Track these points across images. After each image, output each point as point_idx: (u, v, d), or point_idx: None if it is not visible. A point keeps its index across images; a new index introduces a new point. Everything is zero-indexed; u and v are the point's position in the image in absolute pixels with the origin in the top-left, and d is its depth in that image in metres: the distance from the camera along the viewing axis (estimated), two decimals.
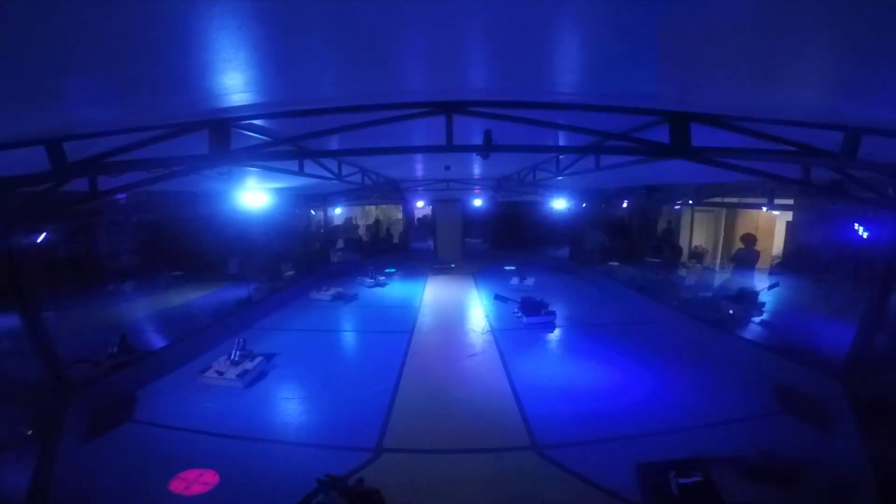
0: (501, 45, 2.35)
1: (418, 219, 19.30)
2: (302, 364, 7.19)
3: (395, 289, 12.51)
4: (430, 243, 17.62)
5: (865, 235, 6.29)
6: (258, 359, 6.56)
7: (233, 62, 2.29)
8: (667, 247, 13.11)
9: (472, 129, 3.84)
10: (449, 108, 3.48)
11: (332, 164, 7.27)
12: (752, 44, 2.07)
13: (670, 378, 6.18)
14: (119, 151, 3.78)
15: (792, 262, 10.82)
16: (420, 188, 14.90)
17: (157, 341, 7.41)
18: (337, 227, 18.36)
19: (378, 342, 8.17)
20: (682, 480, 3.78)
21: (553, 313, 8.82)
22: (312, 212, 15.38)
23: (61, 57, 2.02)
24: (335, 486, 3.58)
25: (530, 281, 12.48)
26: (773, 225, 12.46)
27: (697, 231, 13.87)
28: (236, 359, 6.30)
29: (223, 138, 3.57)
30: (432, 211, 17.35)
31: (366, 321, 9.12)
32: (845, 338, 4.88)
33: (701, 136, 3.56)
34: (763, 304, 8.52)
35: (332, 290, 11.21)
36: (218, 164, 4.24)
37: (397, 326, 8.92)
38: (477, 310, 10.22)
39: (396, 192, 15.12)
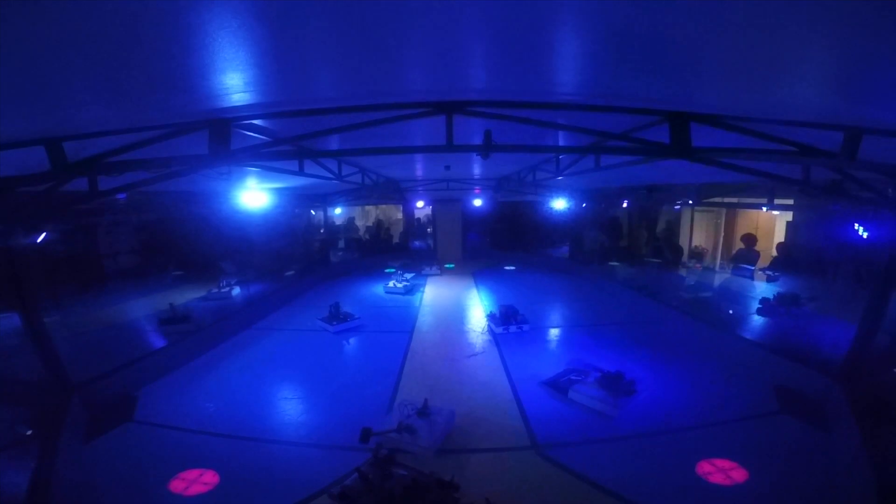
0: (501, 46, 2.34)
1: (418, 219, 19.28)
2: (302, 363, 7.19)
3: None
4: (431, 243, 17.65)
5: (865, 235, 6.28)
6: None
7: (233, 62, 2.29)
8: (667, 247, 13.10)
9: (472, 129, 3.85)
10: (449, 108, 3.48)
11: (332, 164, 7.27)
12: (752, 44, 2.07)
13: (670, 378, 6.18)
14: (119, 151, 3.78)
15: (791, 262, 10.82)
16: (420, 188, 14.91)
17: (158, 341, 7.42)
18: (338, 226, 18.37)
19: (378, 342, 8.17)
20: (571, 377, 5.92)
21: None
22: (312, 212, 15.39)
23: (61, 57, 2.02)
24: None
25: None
26: (773, 225, 12.45)
27: (697, 231, 13.85)
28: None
29: (223, 138, 3.57)
30: (432, 211, 17.35)
31: (366, 321, 9.11)
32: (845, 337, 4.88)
33: (701, 136, 3.56)
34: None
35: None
36: (218, 164, 4.23)
37: (397, 326, 8.93)
38: (477, 309, 10.22)
39: (396, 192, 15.12)
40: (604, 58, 2.45)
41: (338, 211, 16.75)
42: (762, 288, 9.99)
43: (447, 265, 15.09)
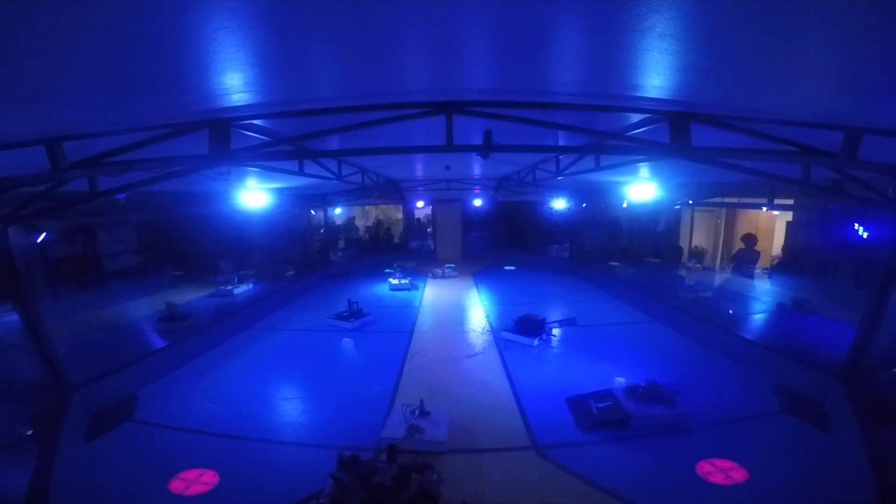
0: (501, 46, 2.35)
1: (418, 219, 19.28)
2: (302, 363, 7.20)
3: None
4: (430, 243, 17.66)
5: (865, 235, 6.27)
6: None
7: (232, 62, 2.29)
8: (667, 247, 13.11)
9: (472, 129, 3.85)
10: (449, 108, 3.48)
11: (332, 164, 7.28)
12: (752, 44, 2.07)
13: (670, 378, 6.16)
14: (119, 151, 3.79)
15: (791, 262, 10.83)
16: (420, 188, 14.91)
17: (158, 340, 7.42)
18: (338, 226, 18.37)
19: (378, 342, 8.17)
20: (598, 405, 5.12)
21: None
22: (312, 212, 15.40)
23: (61, 57, 2.02)
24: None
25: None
26: (773, 225, 12.45)
27: (697, 231, 13.85)
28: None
29: (223, 138, 3.56)
30: (432, 211, 17.36)
31: (366, 322, 9.11)
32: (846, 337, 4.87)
33: (701, 136, 3.56)
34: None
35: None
36: (218, 164, 4.24)
37: (397, 326, 8.93)
38: (477, 310, 10.23)
39: (396, 192, 15.13)
40: (604, 58, 2.45)
41: (338, 211, 16.76)
42: (764, 288, 9.99)
43: (447, 265, 15.08)
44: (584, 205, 13.97)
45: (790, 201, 9.77)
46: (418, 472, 3.68)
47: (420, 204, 17.13)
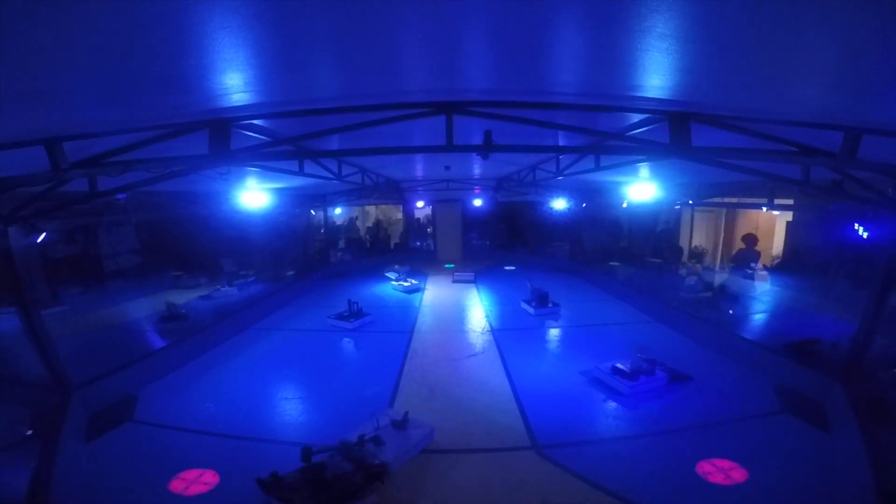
0: (501, 46, 2.35)
1: (418, 219, 19.28)
2: (302, 363, 7.20)
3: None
4: (430, 243, 17.68)
5: (865, 235, 6.27)
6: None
7: (232, 62, 2.29)
8: (667, 247, 13.11)
9: (472, 129, 3.85)
10: (449, 109, 3.48)
11: (332, 164, 7.28)
12: (752, 44, 2.07)
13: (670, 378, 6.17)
14: (119, 151, 3.79)
15: (792, 262, 10.84)
16: (420, 188, 14.91)
17: (158, 340, 7.42)
18: (339, 226, 18.37)
19: (378, 342, 8.17)
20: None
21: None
22: (312, 212, 15.40)
23: (61, 57, 2.02)
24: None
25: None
26: (773, 225, 12.45)
27: (697, 231, 13.85)
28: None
29: (223, 138, 3.57)
30: (432, 211, 17.37)
31: (366, 322, 9.11)
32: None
33: (701, 136, 3.56)
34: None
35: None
36: (218, 164, 4.24)
37: (397, 326, 8.93)
38: (477, 309, 10.23)
39: (396, 192, 15.14)
40: (604, 58, 2.45)
41: (338, 211, 16.77)
42: (764, 288, 10.00)
43: (447, 265, 15.08)
44: (584, 205, 13.97)
45: (790, 201, 9.78)
46: (345, 457, 3.91)
47: (420, 204, 17.14)
